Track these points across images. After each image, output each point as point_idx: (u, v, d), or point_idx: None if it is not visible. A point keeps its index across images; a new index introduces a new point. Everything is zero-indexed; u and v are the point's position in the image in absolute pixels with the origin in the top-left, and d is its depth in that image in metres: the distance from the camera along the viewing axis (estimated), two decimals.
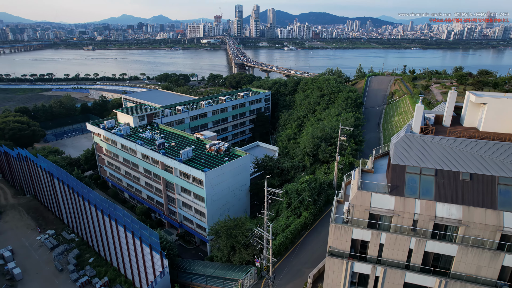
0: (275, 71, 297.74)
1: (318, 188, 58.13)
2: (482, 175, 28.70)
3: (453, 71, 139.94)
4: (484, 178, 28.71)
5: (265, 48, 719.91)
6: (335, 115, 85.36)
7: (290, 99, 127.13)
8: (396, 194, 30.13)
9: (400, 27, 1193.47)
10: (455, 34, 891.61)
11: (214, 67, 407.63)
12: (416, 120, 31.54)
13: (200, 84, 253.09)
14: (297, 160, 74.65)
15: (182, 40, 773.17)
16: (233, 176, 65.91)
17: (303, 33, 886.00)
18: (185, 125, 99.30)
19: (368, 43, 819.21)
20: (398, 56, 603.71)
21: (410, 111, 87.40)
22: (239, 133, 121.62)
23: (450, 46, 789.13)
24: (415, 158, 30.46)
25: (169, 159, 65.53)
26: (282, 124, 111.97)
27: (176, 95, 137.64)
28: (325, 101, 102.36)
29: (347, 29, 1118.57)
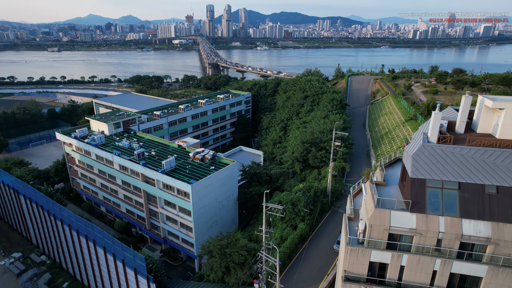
0: (251, 71, 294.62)
1: (313, 197, 55.20)
2: (510, 188, 26.47)
3: (430, 70, 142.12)
4: (509, 190, 26.51)
5: (238, 48, 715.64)
6: (321, 118, 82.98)
7: (271, 101, 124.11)
8: (417, 211, 27.38)
9: (369, 26, 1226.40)
10: (420, 33, 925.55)
11: (187, 68, 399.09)
12: (433, 128, 28.93)
13: (175, 86, 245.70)
14: (286, 166, 71.53)
15: (153, 41, 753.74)
16: (221, 186, 61.79)
17: (275, 33, 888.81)
18: (164, 131, 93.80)
19: (339, 42, 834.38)
20: (368, 54, 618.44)
21: (395, 112, 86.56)
22: (220, 137, 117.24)
23: (417, 44, 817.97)
24: (436, 170, 27.84)
25: (151, 171, 60.42)
26: (265, 127, 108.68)
27: (151, 98, 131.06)
28: (309, 102, 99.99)
29: (318, 29, 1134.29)
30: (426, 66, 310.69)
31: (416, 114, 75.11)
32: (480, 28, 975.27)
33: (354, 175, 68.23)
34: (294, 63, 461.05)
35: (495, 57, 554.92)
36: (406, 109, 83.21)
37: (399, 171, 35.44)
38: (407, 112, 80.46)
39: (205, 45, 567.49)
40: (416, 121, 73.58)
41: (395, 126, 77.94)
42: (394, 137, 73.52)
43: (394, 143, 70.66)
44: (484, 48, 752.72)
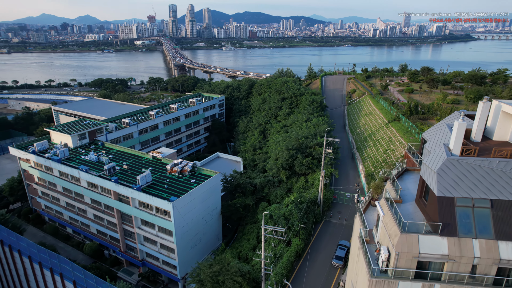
0: (219, 72, 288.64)
1: (305, 209, 51.65)
2: None
3: (400, 68, 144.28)
4: None
5: (203, 48, 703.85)
6: (303, 121, 79.94)
7: (245, 104, 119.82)
8: (448, 234, 24.32)
9: (331, 26, 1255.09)
10: (380, 32, 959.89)
11: (152, 70, 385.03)
12: (457, 139, 26.02)
13: (140, 89, 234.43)
14: (271, 174, 67.59)
15: (114, 42, 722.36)
16: (203, 200, 56.68)
17: (240, 33, 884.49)
18: (134, 140, 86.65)
19: (304, 42, 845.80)
20: (332, 53, 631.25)
21: (376, 112, 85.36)
22: (194, 143, 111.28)
23: (377, 43, 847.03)
24: (464, 187, 24.93)
25: (124, 188, 54.06)
26: (242, 131, 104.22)
27: (117, 103, 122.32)
28: (287, 105, 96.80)
29: (282, 28, 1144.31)
30: (388, 64, 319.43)
31: (398, 115, 74.00)
32: (433, 28, 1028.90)
33: (342, 180, 65.66)
34: (260, 63, 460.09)
35: (448, 55, 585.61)
36: (387, 109, 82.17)
37: (410, 184, 32.63)
38: (389, 113, 79.37)
39: (169, 45, 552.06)
40: (399, 122, 72.40)
41: (378, 128, 76.46)
42: (378, 139, 71.89)
43: (380, 145, 68.93)
44: (437, 46, 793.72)
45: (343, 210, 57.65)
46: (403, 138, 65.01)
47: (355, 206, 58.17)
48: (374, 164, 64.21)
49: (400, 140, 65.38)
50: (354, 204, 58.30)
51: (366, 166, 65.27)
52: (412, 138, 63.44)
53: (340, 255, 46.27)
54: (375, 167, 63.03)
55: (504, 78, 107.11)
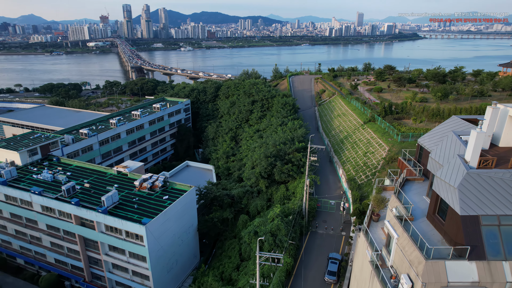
0: (180, 73, 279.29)
1: (291, 222, 48.31)
2: None
3: (363, 67, 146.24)
4: None
5: (160, 49, 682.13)
6: (277, 125, 76.76)
7: (212, 107, 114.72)
8: (476, 258, 21.83)
9: (289, 25, 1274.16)
10: (335, 31, 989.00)
11: (107, 73, 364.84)
12: (475, 150, 23.67)
13: (96, 94, 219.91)
14: (249, 183, 63.59)
15: (64, 44, 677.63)
16: (179, 218, 51.51)
17: (198, 33, 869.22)
18: (95, 152, 78.68)
19: (262, 41, 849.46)
20: (290, 52, 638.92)
21: (349, 113, 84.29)
22: (160, 151, 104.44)
23: (333, 41, 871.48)
24: (488, 204, 22.61)
25: (88, 211, 47.48)
26: (211, 137, 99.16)
27: (73, 111, 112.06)
28: (258, 108, 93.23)
29: (241, 28, 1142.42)
30: (346, 62, 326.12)
31: (374, 115, 73.12)
32: (384, 27, 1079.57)
33: (322, 186, 63.13)
34: (221, 63, 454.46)
35: (399, 52, 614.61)
36: (360, 110, 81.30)
37: (414, 197, 30.20)
38: (363, 114, 78.45)
39: (125, 47, 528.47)
40: (375, 123, 71.48)
41: (354, 129, 75.16)
42: (356, 141, 70.46)
43: (358, 148, 67.42)
44: (389, 45, 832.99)
45: (328, 218, 55.04)
46: (381, 140, 63.83)
47: (339, 213, 55.90)
48: (354, 168, 62.43)
49: (379, 141, 64.17)
50: (339, 211, 56.00)
51: (347, 170, 63.36)
52: (391, 140, 62.44)
53: (332, 269, 43.36)
54: (356, 171, 61.26)
55: (462, 76, 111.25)
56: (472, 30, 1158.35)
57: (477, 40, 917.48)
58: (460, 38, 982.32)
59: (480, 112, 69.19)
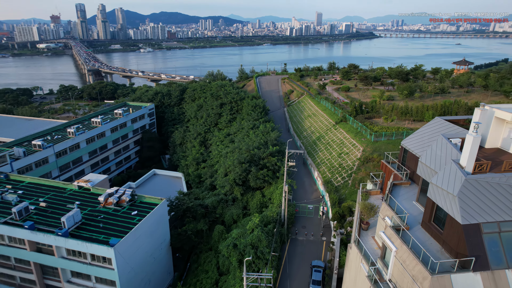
0: (141, 76, 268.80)
1: (272, 231, 46.16)
2: None
3: (328, 66, 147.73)
4: None
5: (119, 51, 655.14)
6: (249, 129, 74.31)
7: (178, 111, 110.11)
8: (480, 268, 20.78)
9: (250, 25, 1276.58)
10: (296, 30, 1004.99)
11: (61, 76, 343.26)
12: (471, 154, 22.67)
13: (50, 99, 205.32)
14: (223, 191, 60.61)
15: (10, 45, 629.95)
16: (150, 235, 47.59)
17: (158, 34, 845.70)
18: (51, 165, 71.88)
19: (224, 41, 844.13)
20: (253, 52, 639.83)
21: (319, 113, 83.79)
22: (124, 160, 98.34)
23: (294, 41, 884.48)
24: (488, 210, 21.66)
25: (44, 235, 42.30)
26: (178, 142, 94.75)
27: (23, 119, 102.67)
28: (227, 111, 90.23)
29: (201, 28, 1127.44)
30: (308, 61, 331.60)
31: (345, 115, 72.89)
32: (342, 26, 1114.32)
33: (298, 190, 61.57)
34: (183, 64, 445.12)
35: (357, 51, 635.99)
36: (331, 110, 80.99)
37: (404, 202, 29.04)
38: (334, 114, 78.14)
39: (80, 49, 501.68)
40: (347, 123, 71.25)
41: (326, 130, 74.55)
42: (329, 142, 69.78)
43: (332, 149, 66.71)
44: (347, 43, 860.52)
45: (307, 223, 53.54)
46: (355, 140, 63.51)
47: (318, 217, 54.64)
48: (330, 170, 61.55)
49: (352, 142, 63.81)
50: (318, 216, 54.72)
51: (322, 172, 62.36)
52: (365, 140, 62.25)
53: (317, 278, 41.70)
54: (332, 173, 60.39)
55: (422, 73, 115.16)
56: (422, 29, 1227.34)
57: (427, 39, 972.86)
58: (412, 37, 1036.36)
59: (445, 109, 71.12)
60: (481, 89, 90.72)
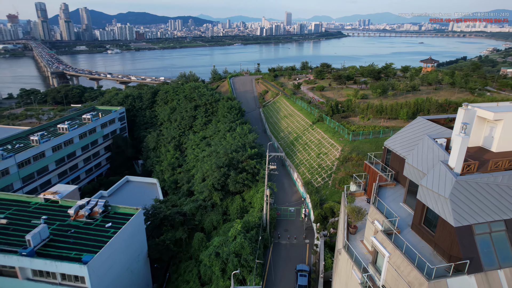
0: (109, 78, 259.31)
1: (255, 237, 44.87)
2: None
3: (301, 66, 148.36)
4: None
5: (84, 52, 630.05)
6: (225, 131, 72.59)
7: (150, 114, 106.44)
8: (474, 271, 20.49)
9: (220, 25, 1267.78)
10: (266, 30, 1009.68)
11: (22, 79, 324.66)
12: (460, 155, 22.41)
13: (10, 104, 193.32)
14: (202, 197, 58.60)
15: None
16: (127, 248, 44.96)
17: (125, 34, 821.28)
18: (12, 176, 66.86)
19: (194, 42, 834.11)
20: (223, 52, 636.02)
21: (295, 113, 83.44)
22: (94, 167, 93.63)
23: (264, 41, 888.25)
24: (479, 211, 21.46)
25: (5, 256, 38.65)
26: (152, 147, 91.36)
27: None
28: (202, 113, 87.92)
29: (171, 29, 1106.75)
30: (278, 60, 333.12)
31: (321, 115, 72.84)
32: (311, 26, 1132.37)
33: (278, 192, 60.65)
34: (152, 65, 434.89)
35: (327, 50, 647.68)
36: (307, 110, 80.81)
37: (391, 204, 28.64)
38: (310, 114, 77.97)
39: (42, 50, 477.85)
40: (324, 123, 71.19)
41: (303, 130, 74.19)
42: (307, 142, 69.41)
43: (311, 149, 66.35)
44: (317, 43, 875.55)
45: (289, 227, 52.70)
46: (333, 140, 63.46)
47: (300, 219, 53.96)
48: (309, 171, 61.10)
49: (331, 141, 63.72)
50: (300, 218, 54.03)
51: (302, 173, 61.81)
52: (343, 139, 62.32)
53: (302, 283, 40.87)
54: (312, 174, 59.96)
55: (393, 72, 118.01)
56: (387, 29, 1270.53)
57: (392, 37, 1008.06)
58: (379, 36, 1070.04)
59: (418, 107, 72.73)
60: (449, 86, 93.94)
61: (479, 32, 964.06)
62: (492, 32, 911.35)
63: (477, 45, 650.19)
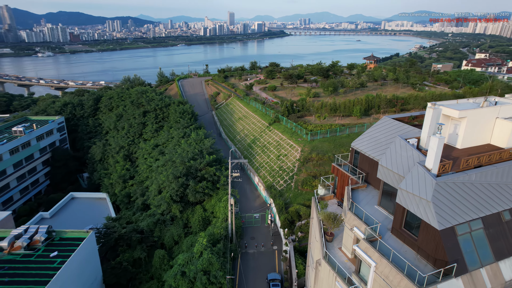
0: (42, 84, 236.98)
1: (223, 249, 42.39)
2: None
3: (250, 66, 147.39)
4: None
5: (9, 55, 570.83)
6: (180, 138, 68.62)
7: (94, 123, 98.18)
8: (461, 273, 20.25)
9: (162, 26, 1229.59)
10: (209, 30, 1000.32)
11: None
12: (437, 156, 22.14)
13: None
14: (159, 211, 54.46)
15: None
16: (78, 278, 39.90)
17: (58, 36, 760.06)
18: None
19: (136, 43, 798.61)
20: (167, 53, 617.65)
21: (250, 115, 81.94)
22: (30, 185, 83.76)
23: (209, 41, 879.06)
24: (459, 212, 21.34)
25: None
26: (99, 158, 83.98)
27: None
28: (152, 119, 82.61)
29: (109, 30, 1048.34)
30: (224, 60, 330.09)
31: (278, 116, 72.07)
32: (254, 25, 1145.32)
33: (241, 199, 58.69)
34: (91, 69, 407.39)
35: (271, 49, 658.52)
36: (262, 111, 79.68)
37: (365, 208, 28.03)
38: (265, 115, 76.91)
39: None
40: (280, 124, 70.48)
41: (260, 132, 72.85)
42: (265, 144, 68.16)
43: (270, 151, 65.19)
44: (261, 42, 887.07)
45: (255, 234, 50.95)
46: (292, 141, 62.91)
47: (265, 225, 52.50)
48: (270, 174, 59.88)
49: (289, 142, 63.10)
50: (265, 224, 52.54)
51: (263, 177, 60.40)
52: (301, 140, 62.01)
53: None
54: (273, 177, 58.80)
55: (340, 69, 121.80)
56: (327, 27, 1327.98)
57: (331, 36, 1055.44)
58: (319, 35, 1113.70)
59: (369, 104, 75.07)
60: (393, 82, 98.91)
61: (407, 30, 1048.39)
62: (418, 31, 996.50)
63: (406, 42, 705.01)
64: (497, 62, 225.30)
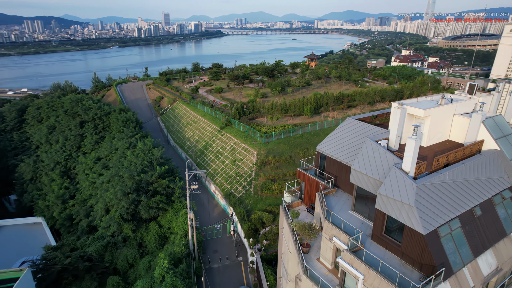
0: None
1: (186, 269, 39.16)
2: (484, 202, 23.59)
3: (192, 67, 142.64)
4: (486, 205, 23.71)
5: None
6: (125, 149, 62.85)
7: (20, 137, 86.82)
8: (448, 275, 20.02)
9: (91, 27, 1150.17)
10: (144, 31, 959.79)
11: None
12: (413, 158, 21.76)
13: None
14: (109, 233, 49.01)
15: None
16: None
17: None
18: None
19: (63, 46, 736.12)
20: (100, 56, 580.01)
21: (199, 119, 78.55)
22: None
23: (144, 42, 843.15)
24: (439, 213, 21.19)
25: None
26: (29, 177, 74.06)
27: None
28: (90, 130, 74.89)
29: (29, 31, 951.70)
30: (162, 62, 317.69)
31: (229, 119, 69.77)
32: (191, 26, 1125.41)
33: (198, 210, 55.50)
34: (9, 75, 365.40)
35: (209, 49, 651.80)
36: (211, 115, 76.75)
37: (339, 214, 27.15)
38: (216, 118, 74.13)
39: None
40: (232, 127, 68.31)
41: (211, 137, 69.93)
42: (218, 149, 65.47)
43: (224, 157, 62.70)
44: (198, 42, 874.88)
45: (218, 246, 48.30)
46: (246, 144, 61.15)
47: (228, 235, 50.10)
48: (227, 180, 57.50)
49: (244, 146, 61.27)
50: (227, 234, 50.12)
51: (220, 184, 57.81)
52: (256, 143, 60.53)
53: None
54: (231, 184, 56.52)
55: (284, 68, 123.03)
56: (263, 27, 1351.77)
57: (268, 35, 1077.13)
58: (256, 34, 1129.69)
59: (318, 102, 76.09)
60: (336, 79, 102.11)
61: (338, 29, 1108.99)
62: (348, 29, 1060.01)
63: (338, 40, 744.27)
64: (419, 58, 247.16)
